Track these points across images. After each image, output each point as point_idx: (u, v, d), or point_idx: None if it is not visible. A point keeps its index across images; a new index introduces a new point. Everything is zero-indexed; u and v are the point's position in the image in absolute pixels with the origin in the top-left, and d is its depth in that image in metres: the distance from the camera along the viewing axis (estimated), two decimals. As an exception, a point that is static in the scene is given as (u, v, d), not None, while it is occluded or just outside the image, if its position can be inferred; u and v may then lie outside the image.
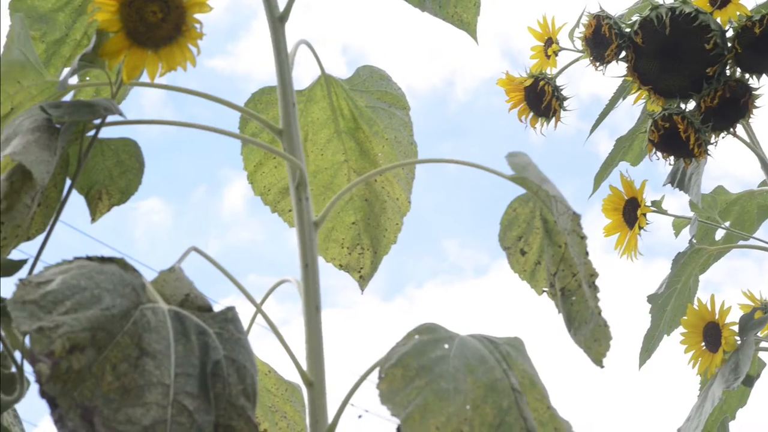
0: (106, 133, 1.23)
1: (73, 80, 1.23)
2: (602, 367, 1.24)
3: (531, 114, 2.15)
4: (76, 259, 0.92)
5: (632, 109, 2.19)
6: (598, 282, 1.25)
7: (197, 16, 1.07)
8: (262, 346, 1.63)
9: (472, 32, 1.63)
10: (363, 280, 1.64)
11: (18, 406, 1.28)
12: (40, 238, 1.16)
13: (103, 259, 0.93)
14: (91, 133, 1.18)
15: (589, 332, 1.25)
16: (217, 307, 0.97)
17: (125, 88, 1.36)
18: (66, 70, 1.32)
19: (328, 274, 1.25)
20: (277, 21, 1.38)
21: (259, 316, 1.35)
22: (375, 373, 1.02)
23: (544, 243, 1.35)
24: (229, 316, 0.94)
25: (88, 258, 0.93)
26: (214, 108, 1.28)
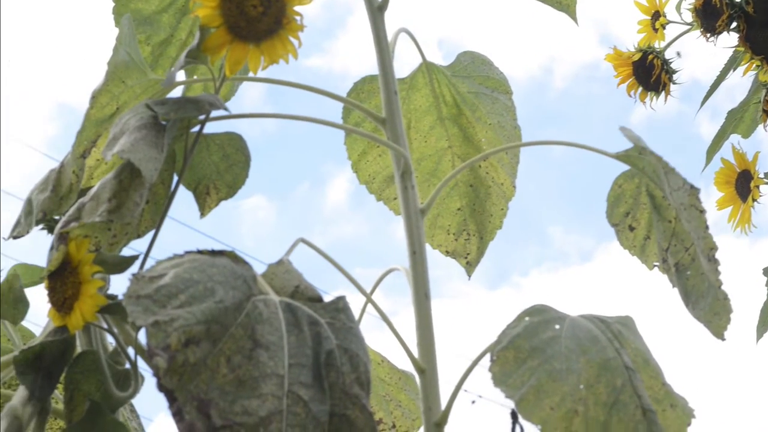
0: (211, 128, 1.24)
1: (180, 78, 1.25)
2: (723, 339, 1.23)
3: (640, 89, 2.12)
4: (188, 253, 0.93)
5: (733, 91, 2.14)
6: (717, 255, 1.24)
7: (297, 8, 1.08)
8: (372, 337, 1.64)
9: (572, 14, 1.62)
10: (470, 266, 1.64)
11: (135, 402, 1.31)
12: (149, 234, 1.18)
13: (214, 253, 0.94)
14: (197, 129, 1.19)
15: (708, 306, 1.24)
16: (326, 299, 0.98)
17: (233, 84, 1.37)
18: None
19: (434, 264, 1.25)
20: (377, 10, 1.38)
21: (369, 306, 1.36)
22: (487, 358, 1.02)
23: (652, 218, 1.34)
24: (339, 305, 0.95)
25: (199, 252, 0.94)
26: (314, 105, 1.30)
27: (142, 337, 1.05)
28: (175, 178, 1.22)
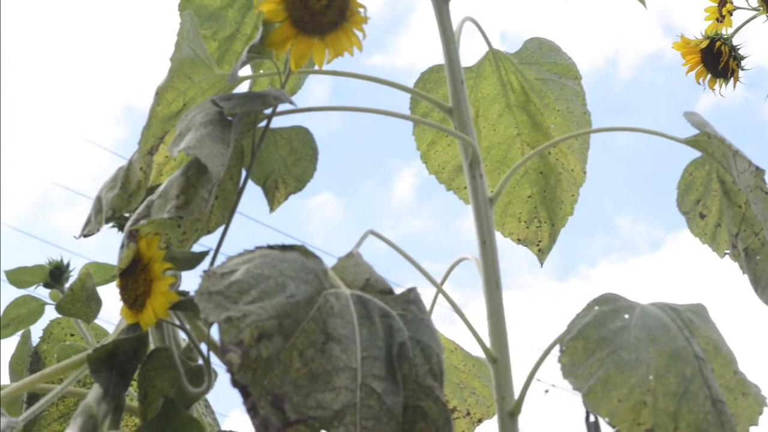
0: (277, 123, 1.24)
1: (246, 72, 1.26)
2: None
3: (708, 76, 2.09)
4: (258, 248, 0.93)
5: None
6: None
7: (360, 0, 1.08)
8: (442, 330, 1.64)
9: (640, -2, 1.60)
10: (542, 254, 1.64)
11: (209, 397, 1.32)
12: (219, 231, 1.19)
13: (284, 247, 0.94)
14: (264, 123, 1.20)
15: (777, 291, 1.23)
16: (396, 291, 0.97)
17: (300, 77, 1.38)
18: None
19: (502, 256, 1.25)
20: (442, 0, 1.38)
21: (439, 298, 1.36)
22: (558, 348, 1.01)
23: (723, 205, 1.33)
24: (410, 297, 0.94)
25: (270, 247, 0.94)
26: (379, 102, 1.29)
27: (214, 332, 1.06)
28: (244, 173, 1.22)
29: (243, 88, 1.33)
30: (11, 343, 1.54)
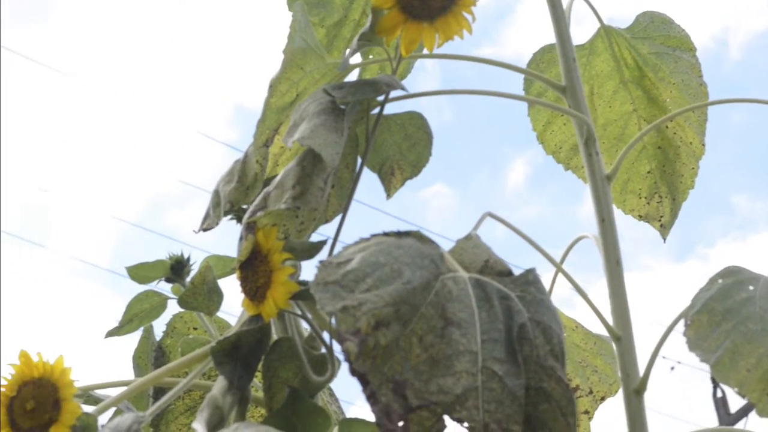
0: (390, 109, 1.25)
1: (357, 60, 1.27)
2: None
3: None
4: (373, 236, 0.94)
5: None
6: None
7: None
8: (562, 311, 1.63)
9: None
10: (664, 229, 1.62)
11: (335, 386, 1.34)
12: (336, 219, 1.20)
13: (399, 234, 0.94)
14: (377, 111, 1.21)
15: None
16: (516, 272, 0.97)
17: (409, 61, 1.39)
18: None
19: (620, 238, 1.24)
20: (553, -22, 1.38)
21: (558, 280, 1.36)
22: (682, 324, 1.01)
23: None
24: (529, 278, 0.94)
25: (385, 234, 0.94)
26: (490, 89, 1.29)
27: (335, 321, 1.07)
28: (359, 161, 1.23)
29: (354, 75, 1.35)
30: (134, 339, 1.58)
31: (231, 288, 1.22)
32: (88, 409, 1.09)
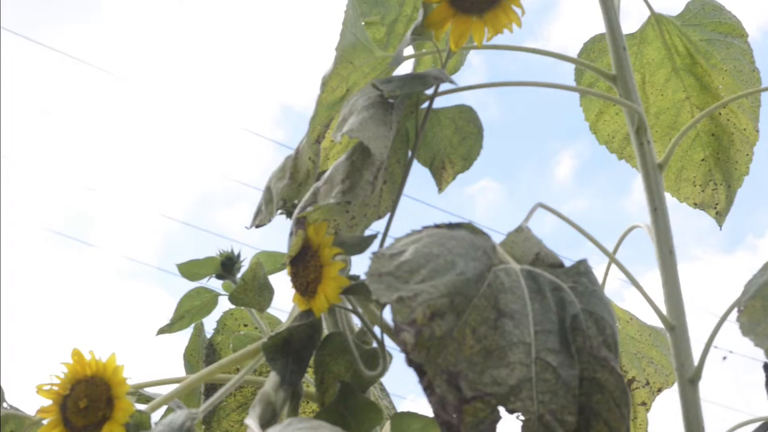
0: (439, 103, 1.26)
1: (409, 52, 1.28)
2: None
3: None
4: (425, 228, 0.95)
5: None
6: None
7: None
8: (615, 300, 1.64)
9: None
10: (719, 216, 1.62)
11: (385, 381, 1.35)
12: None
13: (451, 226, 0.95)
14: (426, 105, 1.21)
15: None
16: (567, 264, 0.98)
17: (461, 55, 1.39)
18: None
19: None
20: (601, -33, 1.38)
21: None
22: (735, 314, 1.01)
23: None
24: (581, 269, 0.95)
25: (437, 226, 0.95)
26: (534, 88, 1.29)
27: (387, 315, 1.08)
28: (409, 155, 1.24)
29: (403, 69, 1.36)
30: (184, 336, 1.59)
31: (281, 284, 1.23)
32: (140, 406, 1.11)
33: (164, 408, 1.23)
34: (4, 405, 1.15)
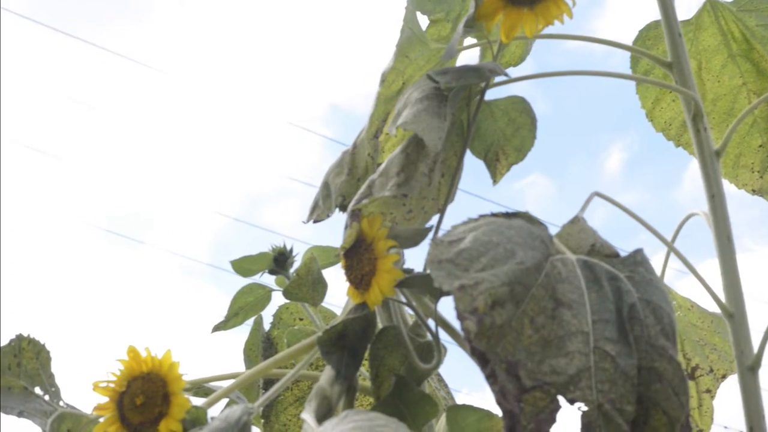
0: (491, 95, 1.27)
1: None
2: None
3: None
4: (482, 216, 0.95)
5: None
6: None
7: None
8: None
9: None
10: (780, 203, 1.62)
11: (442, 373, 1.35)
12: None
13: (508, 215, 0.96)
14: (479, 98, 1.22)
15: None
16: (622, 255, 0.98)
17: (527, 44, 1.40)
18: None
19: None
20: (652, -49, 1.38)
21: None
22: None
23: None
24: (638, 258, 0.95)
25: (494, 215, 0.96)
26: (586, 80, 1.30)
27: (440, 308, 1.08)
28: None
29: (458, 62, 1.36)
30: (236, 333, 1.61)
31: (334, 278, 1.24)
32: (197, 401, 1.12)
33: (223, 402, 1.24)
34: (61, 404, 1.16)
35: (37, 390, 1.13)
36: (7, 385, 1.10)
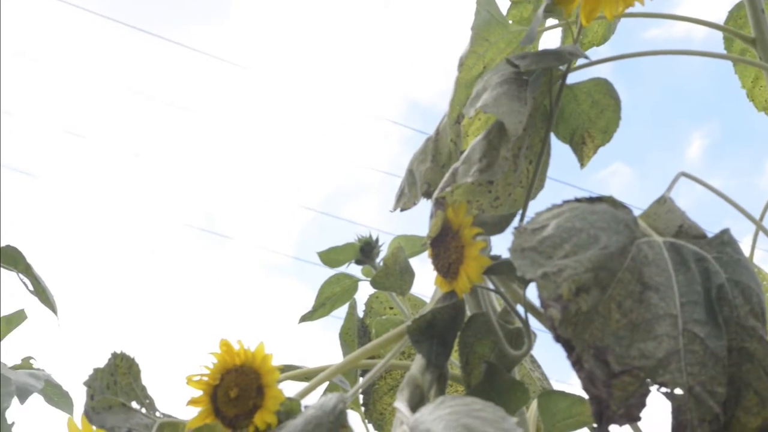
0: (571, 79, 1.27)
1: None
2: None
3: None
4: (566, 202, 0.96)
5: None
6: None
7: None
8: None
9: None
10: None
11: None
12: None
13: (592, 200, 0.96)
14: (561, 81, 1.23)
15: None
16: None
17: (610, 24, 1.40)
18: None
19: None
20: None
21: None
22: None
23: None
24: (725, 238, 0.95)
25: (577, 200, 0.96)
26: (662, 70, 1.29)
27: (529, 293, 1.09)
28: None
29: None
30: (319, 324, 1.63)
31: (420, 267, 1.25)
32: (290, 388, 1.14)
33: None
34: (158, 414, 1.18)
35: (134, 404, 1.15)
36: (108, 405, 1.11)
